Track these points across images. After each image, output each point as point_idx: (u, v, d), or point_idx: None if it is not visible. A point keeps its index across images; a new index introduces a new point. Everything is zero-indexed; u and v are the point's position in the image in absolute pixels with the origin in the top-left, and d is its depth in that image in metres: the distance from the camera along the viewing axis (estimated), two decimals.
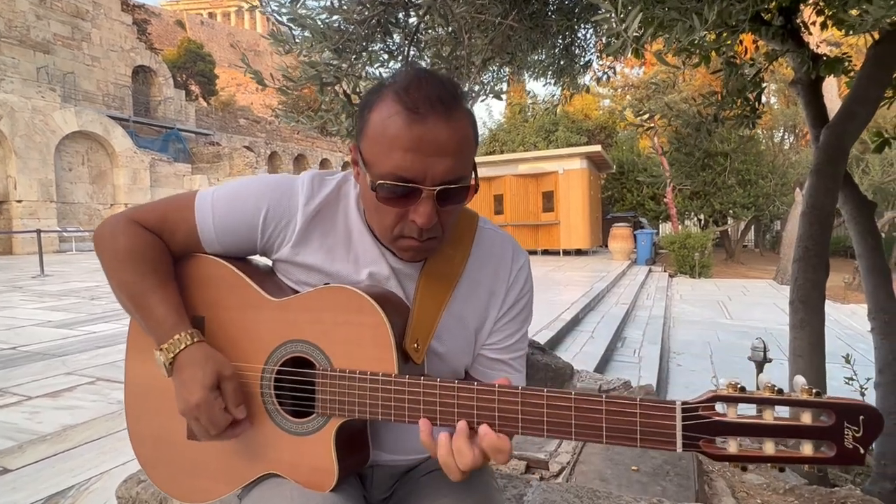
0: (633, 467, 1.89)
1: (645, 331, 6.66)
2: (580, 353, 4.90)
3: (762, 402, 0.59)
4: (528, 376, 0.95)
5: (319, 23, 1.37)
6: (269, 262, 0.91)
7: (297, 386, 0.80)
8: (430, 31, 1.96)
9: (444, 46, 1.64)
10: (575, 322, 6.04)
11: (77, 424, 2.66)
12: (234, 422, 0.77)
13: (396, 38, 1.83)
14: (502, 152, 20.26)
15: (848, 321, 7.99)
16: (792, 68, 2.63)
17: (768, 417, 0.59)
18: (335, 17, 1.40)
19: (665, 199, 16.83)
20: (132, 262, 0.82)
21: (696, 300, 9.95)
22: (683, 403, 0.61)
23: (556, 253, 15.48)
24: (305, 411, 0.80)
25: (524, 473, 1.91)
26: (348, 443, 0.79)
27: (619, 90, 22.15)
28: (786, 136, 21.72)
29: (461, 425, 0.69)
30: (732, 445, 0.60)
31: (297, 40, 1.41)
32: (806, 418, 0.58)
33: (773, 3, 2.36)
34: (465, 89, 1.85)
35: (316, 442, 0.78)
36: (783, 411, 0.60)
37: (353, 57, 1.44)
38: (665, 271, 13.56)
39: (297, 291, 0.86)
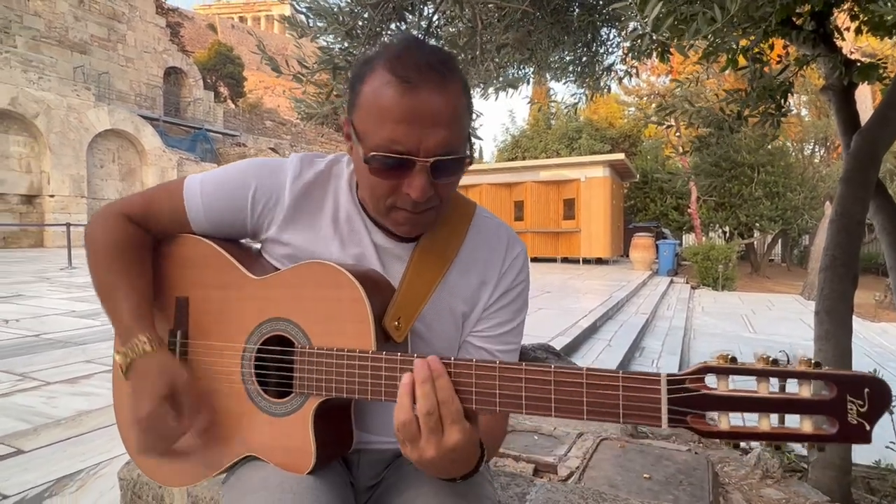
0: (645, 475, 1.83)
1: (664, 341, 6.53)
2: (596, 361, 4.82)
3: (756, 374, 0.55)
4: None
5: (334, 8, 1.37)
6: (258, 246, 0.90)
7: (277, 365, 0.79)
8: (448, 27, 1.95)
9: (461, 37, 1.62)
10: (592, 330, 5.95)
11: (91, 410, 2.69)
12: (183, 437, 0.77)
13: (415, 32, 1.83)
14: (524, 158, 20.20)
15: (878, 339, 7.71)
16: (823, 76, 2.55)
17: (763, 391, 0.54)
18: (349, 3, 1.40)
19: (689, 210, 16.55)
20: (105, 260, 0.82)
21: (718, 313, 9.73)
22: (669, 376, 0.57)
23: (576, 261, 15.33)
24: (287, 391, 0.78)
25: (531, 476, 1.87)
26: (328, 423, 0.77)
27: (645, 98, 21.91)
28: (816, 149, 21.22)
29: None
30: (724, 421, 0.55)
31: (311, 25, 1.41)
32: (805, 392, 0.54)
33: (807, 8, 2.28)
34: (482, 80, 1.83)
35: (294, 422, 0.76)
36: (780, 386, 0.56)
37: (367, 41, 1.43)
38: (687, 283, 13.31)
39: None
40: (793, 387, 0.55)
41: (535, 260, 15.70)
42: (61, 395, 2.92)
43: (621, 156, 15.18)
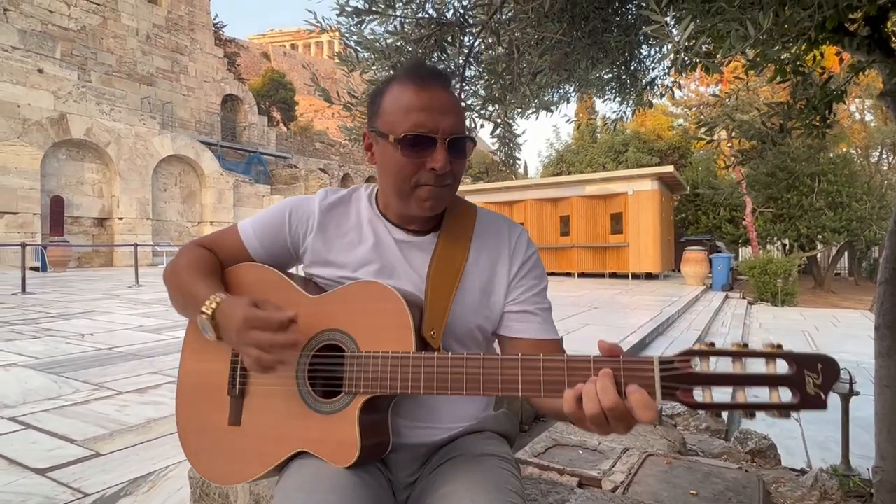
0: (692, 491, 1.81)
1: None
2: None
3: (731, 355, 0.66)
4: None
5: (381, 43, 1.48)
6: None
7: (328, 370, 0.89)
8: (489, 51, 2.04)
9: (499, 63, 1.71)
10: (641, 346, 5.81)
11: (160, 418, 2.89)
12: (283, 347, 0.83)
13: (460, 59, 1.92)
14: (569, 173, 20.03)
15: None
16: (881, 80, 2.47)
17: (738, 370, 0.66)
18: (394, 39, 1.51)
19: (744, 222, 15.90)
20: (186, 269, 0.99)
21: (777, 329, 9.28)
22: (660, 358, 0.69)
23: (625, 276, 14.99)
24: (334, 392, 0.88)
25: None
26: (371, 420, 0.87)
27: (694, 109, 21.35)
28: (884, 156, 20.02)
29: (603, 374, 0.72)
30: (707, 395, 0.67)
31: (360, 59, 1.53)
32: (772, 369, 0.65)
33: (860, 13, 2.23)
34: (520, 104, 1.89)
35: (342, 418, 0.86)
36: (754, 367, 0.67)
37: None
38: (743, 298, 12.75)
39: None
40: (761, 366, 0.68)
41: (581, 275, 15.45)
42: (132, 404, 3.14)
43: (670, 168, 14.81)
